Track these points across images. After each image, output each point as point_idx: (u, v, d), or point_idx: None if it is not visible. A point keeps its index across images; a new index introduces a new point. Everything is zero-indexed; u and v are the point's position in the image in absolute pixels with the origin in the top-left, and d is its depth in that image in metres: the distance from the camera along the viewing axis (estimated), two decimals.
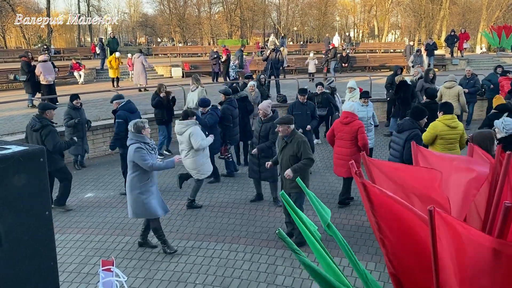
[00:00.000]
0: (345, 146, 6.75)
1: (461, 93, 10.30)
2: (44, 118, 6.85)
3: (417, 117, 6.04)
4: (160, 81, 19.75)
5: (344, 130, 6.73)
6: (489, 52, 29.93)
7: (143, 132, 5.40)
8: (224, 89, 8.95)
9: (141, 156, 5.25)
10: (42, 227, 1.75)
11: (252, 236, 6.09)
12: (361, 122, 6.84)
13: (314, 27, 53.36)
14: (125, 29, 66.99)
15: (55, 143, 6.74)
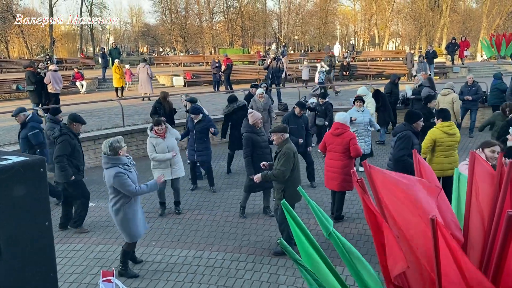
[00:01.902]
0: (336, 158, 6.54)
1: (455, 100, 10.33)
2: (68, 128, 6.62)
3: (410, 120, 6.07)
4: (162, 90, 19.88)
5: (336, 142, 6.53)
6: (490, 60, 29.96)
7: (121, 152, 5.01)
8: (190, 97, 9.31)
9: (122, 183, 4.90)
10: (42, 237, 1.74)
11: (254, 245, 6.06)
12: (352, 133, 6.67)
13: (315, 35, 53.70)
14: (127, 38, 67.53)
15: (60, 154, 6.45)
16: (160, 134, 6.89)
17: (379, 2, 47.71)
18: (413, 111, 6.41)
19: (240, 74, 24.46)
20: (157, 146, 6.87)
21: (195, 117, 8.06)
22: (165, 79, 23.41)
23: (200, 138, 8.08)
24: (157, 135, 6.88)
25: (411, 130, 5.98)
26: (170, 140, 6.99)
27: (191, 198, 8.00)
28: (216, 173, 9.37)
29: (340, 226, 6.64)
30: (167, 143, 6.92)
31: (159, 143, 6.88)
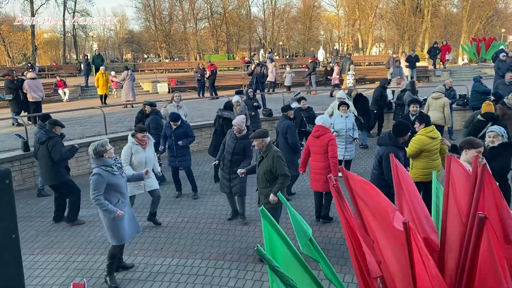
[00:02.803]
0: (319, 160, 6.64)
1: (446, 104, 10.44)
2: (51, 131, 7.16)
3: (398, 133, 5.75)
4: (146, 97, 19.76)
5: (317, 144, 6.65)
6: (471, 63, 30.49)
7: (105, 155, 5.07)
8: (149, 101, 9.46)
9: (94, 184, 4.95)
10: (8, 250, 1.69)
11: (238, 252, 6.01)
12: (332, 135, 6.72)
13: (300, 41, 54.08)
14: (111, 45, 67.08)
15: (61, 152, 7.04)
16: (142, 142, 6.76)
17: (362, 8, 48.25)
18: (403, 123, 6.03)
19: (225, 80, 24.44)
20: (136, 155, 6.66)
21: (175, 124, 8.08)
22: (149, 85, 23.28)
23: None
24: (138, 143, 6.76)
25: (395, 145, 5.72)
26: (150, 152, 6.83)
27: (174, 205, 7.93)
28: (201, 179, 9.33)
29: (324, 230, 6.64)
30: (147, 154, 6.75)
31: (138, 151, 6.69)
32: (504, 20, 49.24)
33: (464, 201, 2.68)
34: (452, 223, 2.71)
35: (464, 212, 2.67)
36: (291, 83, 20.50)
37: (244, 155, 6.82)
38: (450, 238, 2.72)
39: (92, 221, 7.35)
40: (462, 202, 2.70)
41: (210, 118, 12.57)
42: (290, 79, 20.39)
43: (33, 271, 5.71)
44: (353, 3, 48.91)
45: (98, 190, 4.96)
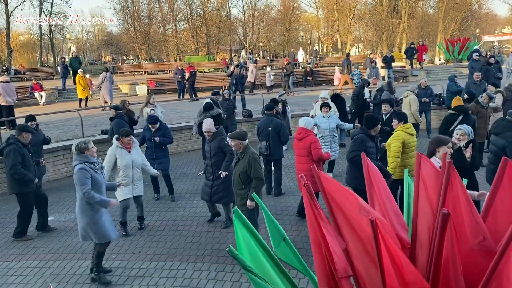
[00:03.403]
0: (302, 162, 6.72)
1: (412, 102, 10.65)
2: (16, 138, 6.71)
3: (369, 125, 6.15)
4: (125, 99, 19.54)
5: (300, 146, 6.73)
6: (447, 63, 31.10)
7: (87, 153, 5.18)
8: (114, 104, 9.54)
9: (80, 178, 5.02)
10: None
11: (217, 254, 6.00)
12: (314, 137, 6.76)
13: (280, 42, 54.26)
14: (89, 47, 66.12)
15: (13, 163, 6.48)
16: (127, 146, 6.66)
17: (341, 9, 48.69)
18: (373, 116, 6.46)
19: (205, 81, 24.36)
20: (121, 158, 6.54)
21: (153, 127, 8.02)
22: (128, 87, 23.03)
23: (159, 147, 8.09)
24: (123, 146, 6.64)
25: (366, 134, 6.08)
26: (136, 155, 6.73)
27: (153, 208, 7.87)
28: (180, 181, 9.28)
29: (303, 229, 6.67)
30: (133, 158, 6.65)
31: (123, 155, 6.58)
32: (478, 20, 50.41)
33: (434, 198, 2.73)
34: (422, 220, 2.76)
35: (434, 209, 2.72)
36: (272, 84, 20.60)
37: (223, 152, 6.75)
38: (421, 234, 2.77)
39: (69, 226, 7.24)
40: (432, 199, 2.76)
41: (190, 120, 12.51)
42: (271, 80, 20.52)
43: (8, 278, 5.59)
44: (332, 4, 49.32)
45: (86, 183, 5.02)
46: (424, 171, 2.86)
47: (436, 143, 4.98)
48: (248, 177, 5.56)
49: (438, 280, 2.20)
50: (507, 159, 2.64)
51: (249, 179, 5.58)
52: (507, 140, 6.13)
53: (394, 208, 2.81)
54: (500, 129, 6.47)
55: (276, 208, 7.62)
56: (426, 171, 2.85)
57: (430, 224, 2.71)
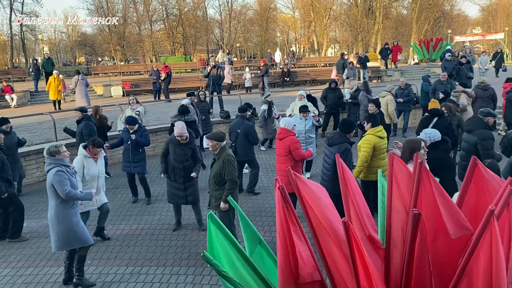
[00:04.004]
0: (281, 161, 6.75)
1: (389, 102, 10.80)
2: None
3: (346, 130, 6.14)
4: (99, 101, 19.23)
5: (280, 146, 6.76)
6: (421, 63, 31.73)
7: (58, 156, 5.05)
8: (80, 107, 9.47)
9: (60, 181, 4.89)
10: None
11: (194, 258, 5.94)
12: (294, 138, 6.78)
13: (257, 43, 54.38)
14: (63, 48, 64.79)
15: None
16: (94, 155, 6.41)
17: (317, 10, 49.12)
18: (348, 120, 6.45)
19: (182, 82, 24.19)
20: (88, 169, 6.27)
21: (131, 128, 7.88)
22: (103, 89, 22.65)
23: (136, 149, 7.96)
24: (91, 156, 6.38)
25: (347, 142, 6.05)
26: (101, 165, 6.53)
27: (129, 212, 7.75)
28: (156, 184, 9.17)
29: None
30: (99, 168, 6.43)
31: (90, 165, 6.31)
32: (450, 21, 51.66)
33: (407, 198, 2.77)
34: (396, 220, 2.79)
35: (407, 208, 2.75)
36: (251, 84, 20.65)
37: (194, 158, 6.73)
38: (395, 234, 2.79)
39: (42, 232, 7.04)
40: (405, 198, 2.79)
41: (166, 122, 12.38)
42: (249, 80, 20.57)
43: None
44: (308, 5, 49.71)
45: (66, 184, 4.93)
46: (397, 171, 2.89)
47: (410, 150, 4.97)
48: (223, 179, 5.54)
49: (410, 279, 2.22)
50: (476, 159, 2.69)
51: (223, 180, 5.56)
52: (478, 137, 6.30)
53: (366, 210, 2.83)
54: (473, 126, 6.64)
55: (254, 208, 7.62)
56: (398, 171, 2.88)
57: (403, 223, 2.74)
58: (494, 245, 1.98)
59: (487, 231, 2.03)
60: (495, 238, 1.98)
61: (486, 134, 6.38)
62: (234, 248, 2.73)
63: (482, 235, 2.05)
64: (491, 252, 1.99)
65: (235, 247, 2.74)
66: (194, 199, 6.76)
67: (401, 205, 2.81)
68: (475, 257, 2.11)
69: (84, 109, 9.24)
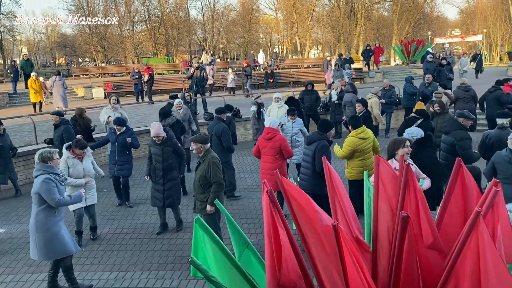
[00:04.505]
0: (269, 161, 6.81)
1: (373, 105, 10.91)
2: None
3: (325, 129, 6.22)
4: (81, 103, 18.94)
5: (268, 146, 6.80)
6: (402, 64, 32.15)
7: (50, 163, 4.96)
8: (57, 110, 9.41)
9: (48, 189, 4.79)
10: None
11: (179, 261, 5.88)
12: (282, 136, 6.91)
13: (240, 44, 54.32)
14: (42, 49, 63.61)
15: None
16: (79, 156, 6.34)
17: (299, 11, 49.36)
18: (326, 120, 6.59)
19: (164, 83, 24.00)
20: (73, 168, 6.24)
21: (119, 129, 7.81)
22: (84, 91, 22.31)
23: (122, 151, 7.85)
24: (75, 156, 6.32)
25: (326, 140, 6.11)
26: (87, 163, 6.47)
27: (113, 215, 7.64)
28: (140, 187, 9.07)
29: None
30: (84, 166, 6.37)
31: (75, 164, 6.27)
32: (430, 23, 52.46)
33: (393, 199, 2.78)
34: (383, 222, 2.80)
35: (393, 209, 2.77)
36: (234, 85, 20.62)
37: (176, 154, 6.76)
38: (381, 236, 2.81)
39: (23, 238, 6.88)
40: (391, 199, 2.81)
41: (149, 124, 12.25)
42: (233, 81, 20.52)
43: None
44: (290, 7, 49.92)
45: (55, 193, 4.84)
46: (384, 173, 2.91)
47: (394, 145, 5.13)
48: (208, 181, 5.51)
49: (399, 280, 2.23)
50: (460, 161, 2.73)
51: (209, 183, 5.53)
52: (455, 137, 6.45)
53: (353, 213, 2.85)
54: (449, 127, 6.81)
55: (240, 211, 7.60)
56: (385, 173, 2.90)
57: (389, 224, 2.76)
58: (481, 246, 2.01)
59: (473, 232, 2.05)
60: (482, 239, 2.00)
61: (463, 135, 6.52)
62: (222, 252, 2.71)
63: (469, 236, 2.08)
64: (479, 253, 2.02)
65: (223, 251, 2.71)
66: (172, 202, 6.73)
67: (388, 207, 2.83)
68: (462, 258, 2.14)
69: (61, 113, 9.11)
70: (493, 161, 5.45)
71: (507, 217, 2.66)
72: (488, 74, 24.46)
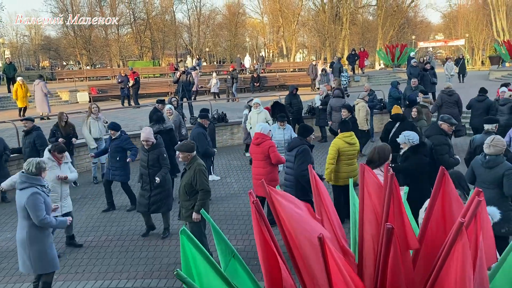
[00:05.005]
0: (259, 166, 6.83)
1: (360, 109, 11.01)
2: None
3: (305, 134, 6.27)
4: (65, 107, 18.71)
5: (257, 151, 6.82)
6: (387, 68, 32.51)
7: (43, 174, 4.82)
8: (28, 116, 9.41)
9: (36, 205, 4.59)
10: None
11: (166, 269, 5.83)
12: (271, 142, 6.90)
13: (226, 47, 54.32)
14: (25, 52, 62.68)
15: None
16: (59, 160, 6.25)
17: (285, 15, 49.58)
18: (306, 125, 6.59)
19: (150, 87, 23.84)
20: (50, 171, 6.01)
21: (113, 134, 7.81)
22: (68, 95, 22.04)
23: (114, 156, 7.82)
24: (55, 160, 6.22)
25: (307, 144, 6.16)
26: (65, 170, 6.31)
27: (97, 223, 7.54)
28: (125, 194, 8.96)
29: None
30: (61, 172, 6.23)
31: (53, 168, 6.14)
32: (414, 27, 53.22)
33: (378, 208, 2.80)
34: (368, 233, 2.82)
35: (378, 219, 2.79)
36: (217, 90, 20.56)
37: (159, 165, 6.72)
38: (367, 246, 2.83)
39: (5, 247, 6.76)
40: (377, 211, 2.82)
41: (135, 129, 12.20)
42: (217, 86, 20.46)
43: None
44: (276, 11, 50.12)
45: (42, 210, 4.65)
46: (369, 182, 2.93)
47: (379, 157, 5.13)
48: (194, 189, 5.47)
49: None
50: (444, 169, 2.76)
51: (194, 190, 5.49)
52: (433, 142, 6.46)
53: (338, 222, 2.86)
54: (430, 131, 6.88)
55: (226, 216, 7.58)
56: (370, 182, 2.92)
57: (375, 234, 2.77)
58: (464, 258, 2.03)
59: (457, 243, 2.07)
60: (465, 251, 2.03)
61: (441, 140, 6.49)
62: (208, 263, 2.69)
63: (453, 247, 2.10)
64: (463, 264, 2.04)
65: (209, 262, 2.70)
66: (158, 208, 6.71)
67: (373, 217, 2.84)
68: (446, 268, 2.16)
69: (32, 119, 9.04)
70: (472, 166, 5.53)
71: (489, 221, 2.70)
72: (471, 78, 24.91)
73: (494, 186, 5.15)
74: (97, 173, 9.87)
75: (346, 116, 9.19)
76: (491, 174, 5.14)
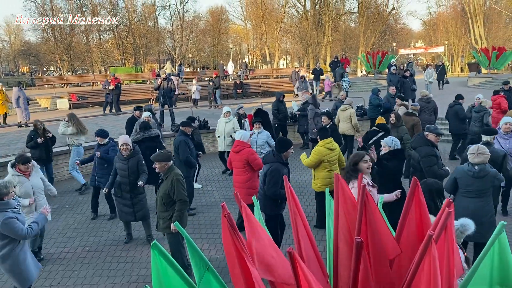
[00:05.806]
0: (239, 174, 6.83)
1: (353, 115, 11.06)
2: None
3: (281, 149, 5.77)
4: (44, 114, 18.40)
5: (236, 159, 6.82)
6: (368, 75, 32.87)
7: (6, 198, 4.58)
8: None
9: (13, 228, 4.48)
10: None
11: (143, 280, 5.74)
12: (251, 149, 6.86)
13: (210, 54, 54.27)
14: (4, 58, 61.63)
15: None
16: (25, 172, 6.04)
17: (268, 22, 49.80)
18: (284, 139, 6.08)
19: (132, 94, 23.60)
20: (20, 186, 5.92)
21: (100, 140, 7.79)
22: (48, 101, 21.68)
23: (100, 163, 7.81)
24: (21, 173, 6.00)
25: (280, 162, 5.72)
26: (35, 180, 6.15)
27: (74, 233, 7.40)
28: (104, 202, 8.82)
29: None
30: (32, 183, 6.06)
31: (22, 182, 5.96)
32: (395, 34, 53.98)
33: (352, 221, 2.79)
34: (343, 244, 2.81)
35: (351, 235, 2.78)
36: (199, 97, 20.44)
37: (138, 172, 6.70)
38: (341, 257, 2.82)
39: None
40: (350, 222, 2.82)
41: (115, 136, 12.00)
42: (198, 93, 20.34)
43: None
44: (259, 17, 50.31)
45: (19, 229, 4.53)
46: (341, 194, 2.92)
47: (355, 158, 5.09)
48: (171, 199, 5.39)
49: None
50: (416, 180, 2.78)
51: (172, 201, 5.41)
52: (420, 154, 6.40)
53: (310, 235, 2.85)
54: (416, 143, 6.84)
55: (206, 225, 7.51)
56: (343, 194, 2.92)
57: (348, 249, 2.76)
58: (433, 271, 2.03)
59: (426, 256, 2.08)
60: (434, 263, 2.03)
61: (427, 151, 6.33)
62: (181, 278, 2.65)
63: (422, 260, 2.10)
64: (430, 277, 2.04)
65: (182, 277, 2.65)
66: (144, 215, 6.76)
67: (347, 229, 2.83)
68: (416, 281, 2.16)
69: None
70: (455, 176, 5.49)
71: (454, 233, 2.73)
72: (450, 84, 25.36)
73: (482, 194, 5.22)
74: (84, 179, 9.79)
75: (327, 123, 9.24)
76: (481, 183, 5.19)
